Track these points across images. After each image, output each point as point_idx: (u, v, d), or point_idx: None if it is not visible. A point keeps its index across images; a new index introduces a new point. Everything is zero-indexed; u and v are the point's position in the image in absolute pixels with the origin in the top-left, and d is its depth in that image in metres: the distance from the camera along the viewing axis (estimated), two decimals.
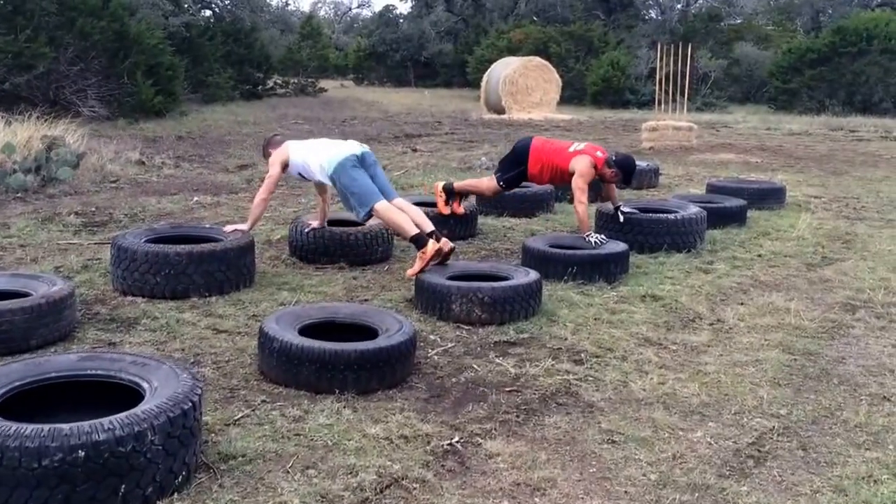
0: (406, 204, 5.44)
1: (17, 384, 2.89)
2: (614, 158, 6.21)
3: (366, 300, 4.97)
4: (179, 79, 18.62)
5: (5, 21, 14.79)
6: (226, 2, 27.23)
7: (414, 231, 5.10)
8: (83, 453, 2.40)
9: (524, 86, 22.80)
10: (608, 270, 5.46)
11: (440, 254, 5.02)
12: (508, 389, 3.69)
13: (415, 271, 4.98)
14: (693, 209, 6.61)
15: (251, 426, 3.23)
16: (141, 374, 2.94)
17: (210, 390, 3.56)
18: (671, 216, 6.40)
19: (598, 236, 5.77)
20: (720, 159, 12.99)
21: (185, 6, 23.82)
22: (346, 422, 3.27)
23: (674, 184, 10.29)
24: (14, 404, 2.83)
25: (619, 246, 5.69)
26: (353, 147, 5.46)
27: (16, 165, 8.34)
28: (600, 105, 26.89)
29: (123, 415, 2.54)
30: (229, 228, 5.43)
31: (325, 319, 4.01)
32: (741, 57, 30.49)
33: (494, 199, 7.54)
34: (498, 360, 4.04)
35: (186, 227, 5.81)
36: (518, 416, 3.42)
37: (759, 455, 3.14)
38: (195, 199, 8.29)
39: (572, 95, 27.29)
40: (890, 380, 3.94)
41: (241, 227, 5.41)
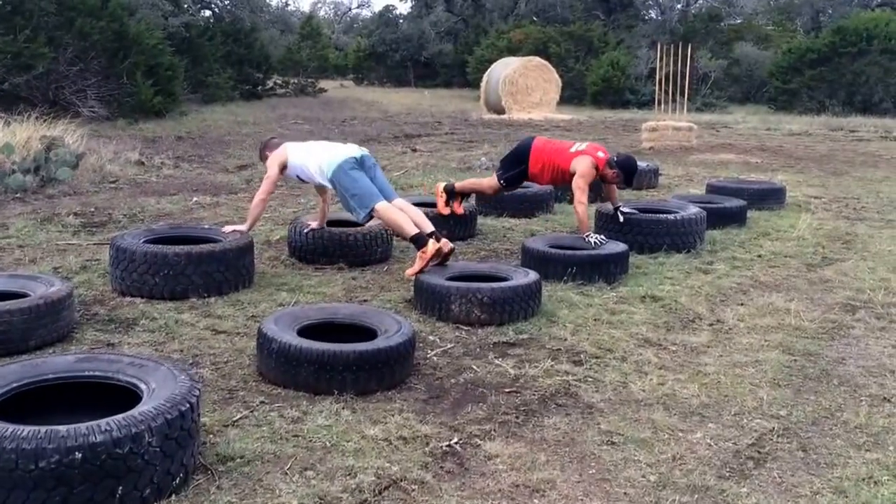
0: (406, 204, 5.43)
1: (15, 385, 2.89)
2: (616, 159, 6.20)
3: (365, 301, 4.96)
4: (179, 79, 18.62)
5: (4, 21, 14.78)
6: (225, 2, 27.25)
7: (414, 231, 5.09)
8: (80, 455, 2.40)
9: (524, 86, 22.81)
10: (608, 271, 5.45)
11: (440, 254, 5.01)
12: (508, 390, 3.69)
13: (414, 271, 4.97)
14: (693, 209, 6.60)
15: (249, 427, 3.22)
16: (139, 376, 2.93)
17: (208, 391, 3.55)
18: (671, 216, 6.39)
19: (598, 236, 5.77)
20: (720, 159, 12.99)
21: (185, 6, 23.83)
22: (345, 423, 3.26)
23: (673, 184, 10.28)
24: (11, 406, 2.83)
25: (619, 246, 5.68)
26: (352, 150, 5.45)
27: (15, 166, 8.34)
28: (600, 105, 26.89)
29: (121, 416, 2.54)
30: (228, 229, 5.42)
31: (324, 320, 4.00)
32: (741, 57, 30.50)
33: (494, 200, 7.54)
34: (497, 361, 4.03)
35: (185, 228, 5.80)
36: (517, 418, 3.41)
37: (759, 456, 3.13)
38: (194, 200, 8.28)
39: (572, 95, 27.30)
40: (890, 381, 3.93)
41: (240, 228, 5.40)
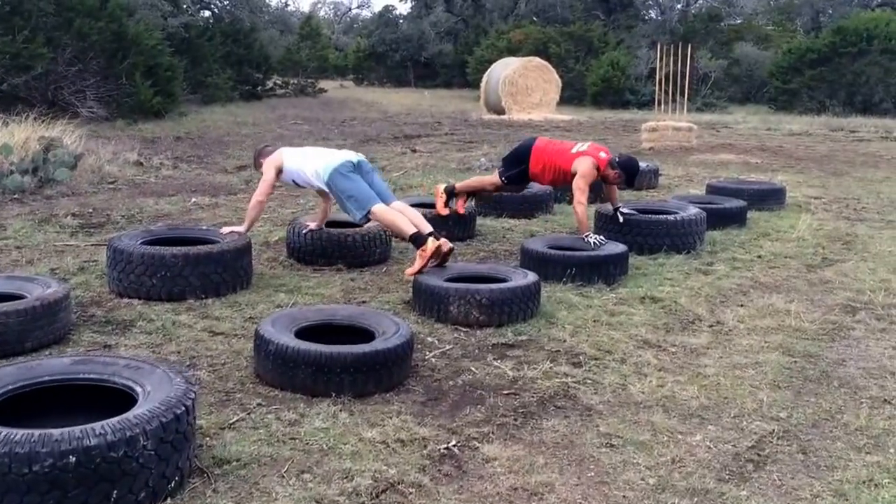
0: (404, 206, 5.42)
1: (10, 388, 2.87)
2: (618, 160, 6.18)
3: (363, 302, 4.94)
4: (178, 79, 18.61)
5: (3, 21, 14.77)
6: (225, 2, 27.23)
7: (412, 230, 5.07)
8: (74, 459, 2.38)
9: (524, 86, 22.79)
10: (607, 272, 5.43)
11: (439, 252, 4.98)
12: (506, 392, 3.67)
13: (414, 270, 4.95)
14: (692, 210, 6.58)
15: (246, 430, 3.20)
16: (134, 378, 2.91)
17: (205, 393, 3.53)
18: (670, 217, 6.37)
19: (597, 237, 5.75)
20: (720, 160, 12.97)
21: (184, 7, 23.82)
22: (343, 425, 3.24)
23: (673, 184, 10.27)
24: (6, 408, 2.81)
25: (619, 247, 5.66)
26: (349, 154, 5.46)
27: (13, 166, 8.32)
28: (600, 105, 26.88)
29: (115, 419, 2.52)
30: (226, 230, 5.41)
31: (322, 322, 3.98)
32: (741, 57, 30.49)
33: (493, 200, 7.52)
34: (496, 363, 4.01)
35: (183, 229, 5.79)
36: (516, 420, 3.39)
37: (759, 459, 3.12)
38: (193, 201, 8.26)
39: (572, 96, 27.29)
40: (891, 382, 3.91)
41: (238, 229, 5.39)
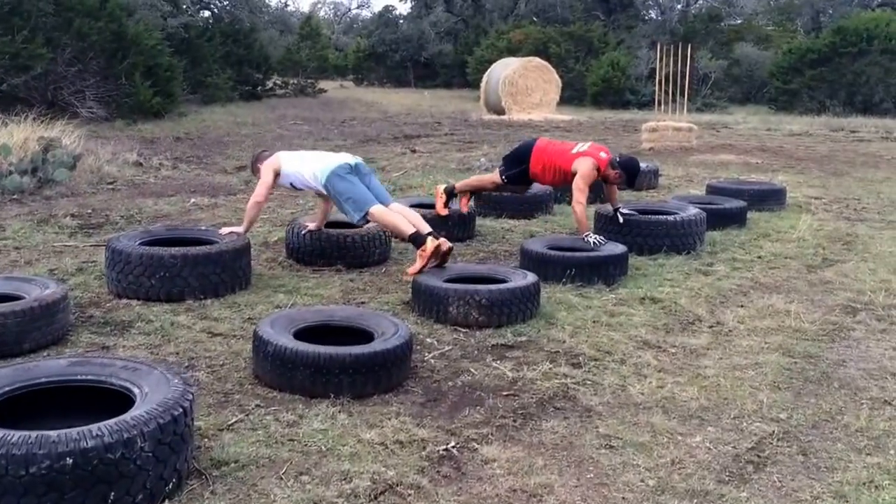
0: (403, 208, 5.42)
1: (7, 389, 2.86)
2: (618, 160, 6.17)
3: (362, 303, 4.93)
4: (178, 80, 18.60)
5: (2, 22, 14.76)
6: (224, 2, 27.21)
7: (411, 230, 5.07)
8: (71, 460, 2.37)
9: (524, 86, 22.78)
10: (607, 272, 5.42)
11: (439, 252, 4.97)
12: (505, 393, 3.65)
13: (415, 270, 4.94)
14: (692, 210, 6.57)
15: (245, 431, 3.19)
16: (132, 380, 2.90)
17: (204, 394, 3.52)
18: (670, 218, 6.36)
19: (597, 237, 5.74)
20: (720, 160, 12.96)
21: (184, 7, 23.79)
22: (341, 427, 3.23)
23: (674, 185, 10.26)
24: (3, 410, 2.80)
25: (618, 248, 5.65)
26: (347, 157, 5.46)
27: (12, 167, 8.31)
28: (600, 106, 26.87)
29: (112, 421, 2.51)
30: (225, 231, 5.40)
31: (321, 323, 3.97)
32: (741, 57, 30.49)
33: (492, 200, 7.51)
34: (495, 364, 4.00)
35: (182, 230, 5.78)
36: (515, 421, 3.38)
37: (759, 460, 3.10)
38: (192, 201, 8.25)
39: (572, 96, 27.28)
40: (891, 383, 3.90)
41: (237, 230, 5.38)
